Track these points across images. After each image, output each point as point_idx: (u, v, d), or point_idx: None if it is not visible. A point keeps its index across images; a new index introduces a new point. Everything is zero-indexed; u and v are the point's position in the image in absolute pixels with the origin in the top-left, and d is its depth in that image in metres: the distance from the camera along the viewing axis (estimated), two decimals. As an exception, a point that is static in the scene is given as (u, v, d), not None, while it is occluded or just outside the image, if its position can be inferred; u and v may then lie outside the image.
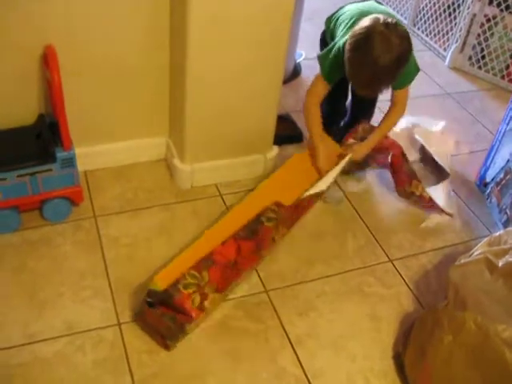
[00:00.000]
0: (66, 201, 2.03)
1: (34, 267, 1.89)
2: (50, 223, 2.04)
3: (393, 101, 2.19)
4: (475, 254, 1.73)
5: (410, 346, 1.73)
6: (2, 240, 1.96)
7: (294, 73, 3.02)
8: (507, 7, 3.15)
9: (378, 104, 2.49)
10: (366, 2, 2.20)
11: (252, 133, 2.25)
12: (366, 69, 1.88)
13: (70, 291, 1.84)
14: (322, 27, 2.33)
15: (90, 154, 2.20)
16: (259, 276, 1.98)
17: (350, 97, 2.45)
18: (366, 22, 1.89)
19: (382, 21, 1.85)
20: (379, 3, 2.24)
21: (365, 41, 1.86)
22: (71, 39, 1.93)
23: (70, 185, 2.00)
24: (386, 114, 2.24)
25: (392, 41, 1.82)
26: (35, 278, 1.86)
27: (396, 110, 2.19)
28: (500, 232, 1.80)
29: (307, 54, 3.09)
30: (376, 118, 2.41)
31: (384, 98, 2.28)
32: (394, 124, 2.23)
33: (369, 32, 1.85)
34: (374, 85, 1.95)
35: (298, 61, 3.05)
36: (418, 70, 2.14)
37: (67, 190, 2.01)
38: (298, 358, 1.76)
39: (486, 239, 1.79)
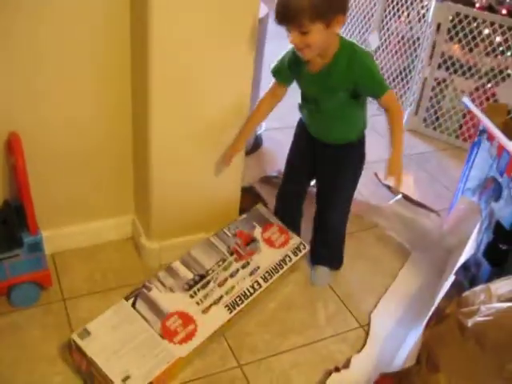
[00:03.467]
0: (34, 285, 2.01)
1: (1, 357, 1.85)
2: (18, 308, 2.00)
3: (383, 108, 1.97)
4: (445, 315, 1.75)
5: (387, 414, 1.73)
6: (-32, 330, 1.92)
7: (255, 144, 3.06)
8: (455, 70, 3.29)
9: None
10: None
11: (217, 207, 2.27)
12: None
13: (40, 380, 1.80)
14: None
15: (57, 236, 2.19)
16: (232, 350, 1.97)
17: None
18: None
19: None
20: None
21: None
22: (35, 126, 1.95)
23: (37, 269, 1.99)
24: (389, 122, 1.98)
25: None
26: (3, 369, 1.81)
27: (391, 111, 1.95)
28: (467, 293, 1.82)
29: (268, 125, 3.14)
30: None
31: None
32: (402, 120, 2.00)
33: None
34: (287, 7, 1.75)
35: (258, 132, 3.10)
36: (369, 54, 1.95)
37: (35, 274, 1.99)
38: (276, 433, 1.74)
39: (454, 300, 1.81)
